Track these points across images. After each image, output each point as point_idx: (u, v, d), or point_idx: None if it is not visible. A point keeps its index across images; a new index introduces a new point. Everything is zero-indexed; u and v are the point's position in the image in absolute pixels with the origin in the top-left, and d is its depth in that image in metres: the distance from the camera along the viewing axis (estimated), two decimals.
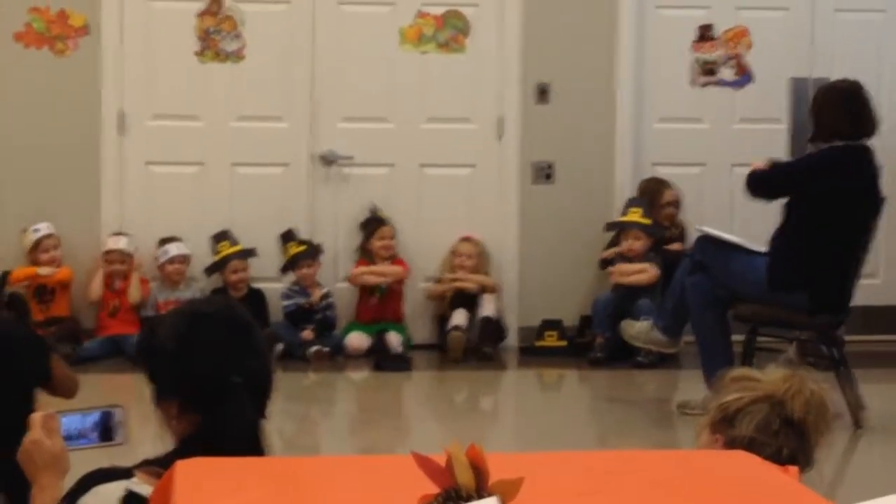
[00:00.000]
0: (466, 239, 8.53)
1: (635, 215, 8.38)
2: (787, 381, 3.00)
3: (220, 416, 2.66)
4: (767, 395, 2.97)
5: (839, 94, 6.67)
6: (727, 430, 2.96)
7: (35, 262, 8.14)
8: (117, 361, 7.93)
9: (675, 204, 8.64)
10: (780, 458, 2.60)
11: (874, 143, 6.78)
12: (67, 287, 8.19)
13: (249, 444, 2.68)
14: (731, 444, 2.94)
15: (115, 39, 8.28)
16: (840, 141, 6.63)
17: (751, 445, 2.88)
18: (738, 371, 3.12)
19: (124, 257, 8.23)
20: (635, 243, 8.34)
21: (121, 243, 8.23)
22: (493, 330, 8.35)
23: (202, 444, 2.61)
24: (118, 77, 8.30)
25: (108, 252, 8.22)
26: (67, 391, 4.15)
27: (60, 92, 8.26)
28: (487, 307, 8.39)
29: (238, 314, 2.82)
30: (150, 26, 8.33)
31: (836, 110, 6.59)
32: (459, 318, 8.31)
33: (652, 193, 8.56)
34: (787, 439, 2.93)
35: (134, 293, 8.20)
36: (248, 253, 8.32)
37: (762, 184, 6.79)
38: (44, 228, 8.15)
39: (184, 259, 8.30)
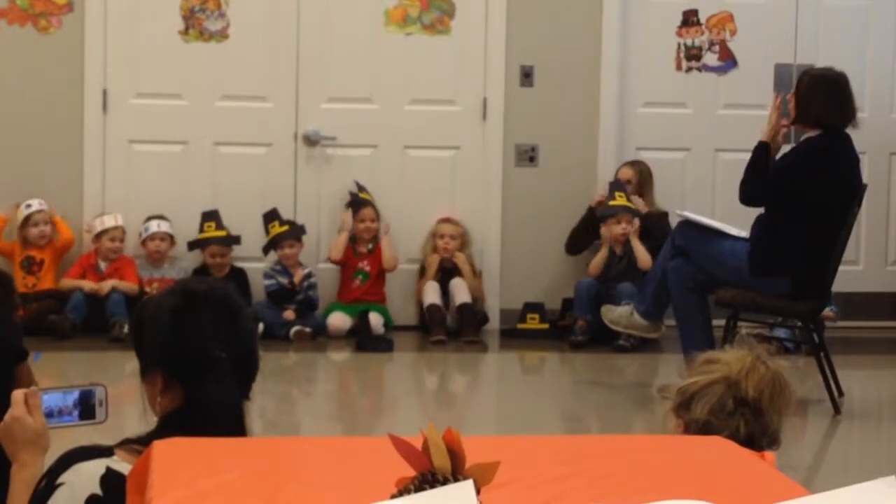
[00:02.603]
0: (446, 220, 8.52)
1: (622, 199, 8.37)
2: (740, 360, 3.01)
3: (202, 389, 2.67)
4: (723, 377, 2.99)
5: (827, 83, 6.70)
6: (686, 413, 2.99)
7: (25, 238, 8.13)
8: (101, 340, 7.95)
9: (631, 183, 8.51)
10: (737, 439, 2.62)
11: (856, 129, 6.82)
12: (59, 256, 8.17)
13: (231, 421, 2.69)
14: (688, 427, 2.97)
15: (98, 17, 8.25)
16: (823, 129, 6.66)
17: (706, 428, 2.90)
18: (706, 354, 3.14)
19: (123, 234, 8.24)
20: (628, 227, 8.31)
21: (115, 220, 8.19)
22: (471, 315, 8.32)
23: (184, 420, 2.64)
24: (102, 55, 8.27)
25: (110, 230, 8.18)
26: None
27: (44, 70, 8.22)
28: (461, 293, 8.35)
29: (231, 296, 2.84)
30: (133, 4, 8.30)
31: (824, 99, 6.64)
32: (432, 294, 8.30)
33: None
34: (742, 419, 2.95)
35: None
36: (231, 240, 8.29)
37: (750, 197, 6.81)
38: (35, 204, 8.13)
39: (165, 237, 8.28)
